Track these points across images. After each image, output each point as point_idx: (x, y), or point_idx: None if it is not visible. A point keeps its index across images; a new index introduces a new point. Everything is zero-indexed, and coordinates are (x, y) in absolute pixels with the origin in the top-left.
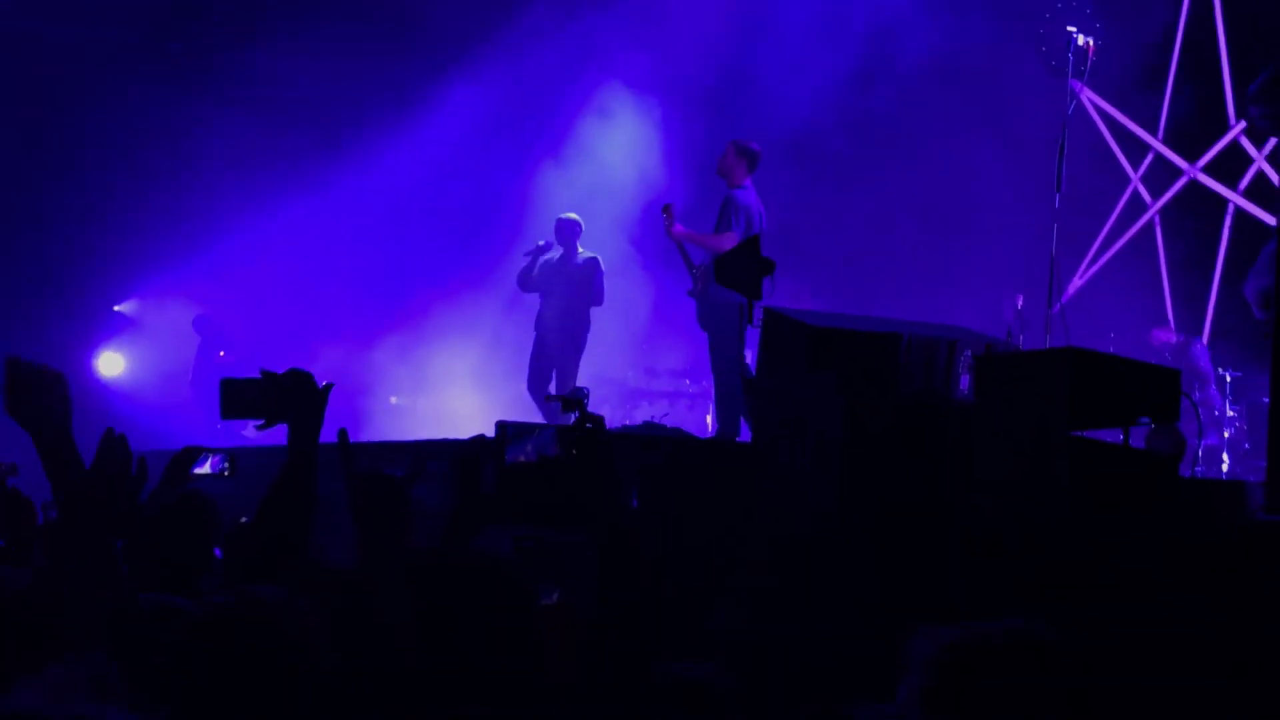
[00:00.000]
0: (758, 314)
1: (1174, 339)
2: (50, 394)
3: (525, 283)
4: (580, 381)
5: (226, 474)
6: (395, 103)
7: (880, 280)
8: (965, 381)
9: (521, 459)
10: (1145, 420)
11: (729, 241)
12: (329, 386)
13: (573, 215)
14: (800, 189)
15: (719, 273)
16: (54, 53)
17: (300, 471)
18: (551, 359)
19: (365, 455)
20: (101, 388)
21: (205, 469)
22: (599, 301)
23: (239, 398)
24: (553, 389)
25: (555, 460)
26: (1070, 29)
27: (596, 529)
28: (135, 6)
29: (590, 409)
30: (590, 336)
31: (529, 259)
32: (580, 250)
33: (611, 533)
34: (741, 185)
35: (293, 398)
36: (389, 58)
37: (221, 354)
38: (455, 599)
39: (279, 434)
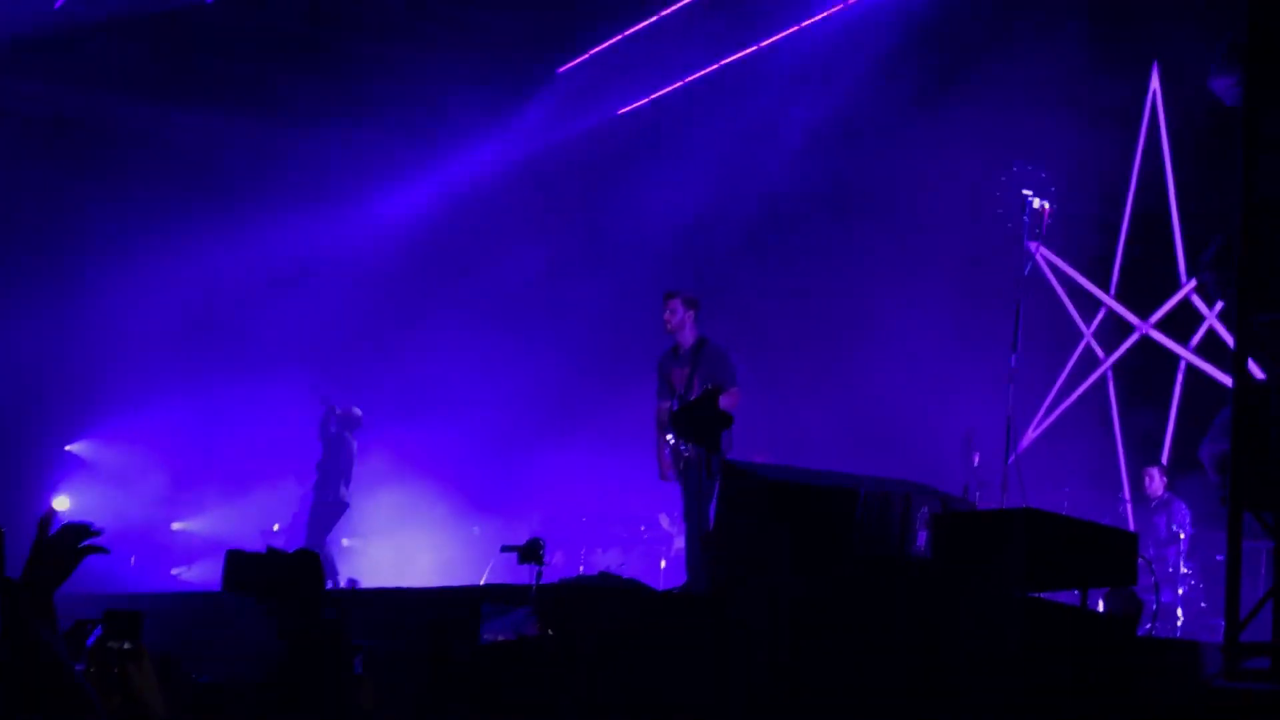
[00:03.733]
0: (716, 466)
1: (1161, 491)
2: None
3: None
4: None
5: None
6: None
7: (837, 435)
8: (922, 537)
9: (499, 638)
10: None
11: (731, 398)
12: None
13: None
14: (756, 340)
15: (677, 426)
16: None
17: (299, 657)
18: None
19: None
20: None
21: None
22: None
23: (242, 572)
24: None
25: (534, 641)
26: (1026, 192)
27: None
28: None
29: (545, 557)
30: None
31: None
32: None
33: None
34: (703, 334)
35: (297, 580)
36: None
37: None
38: None
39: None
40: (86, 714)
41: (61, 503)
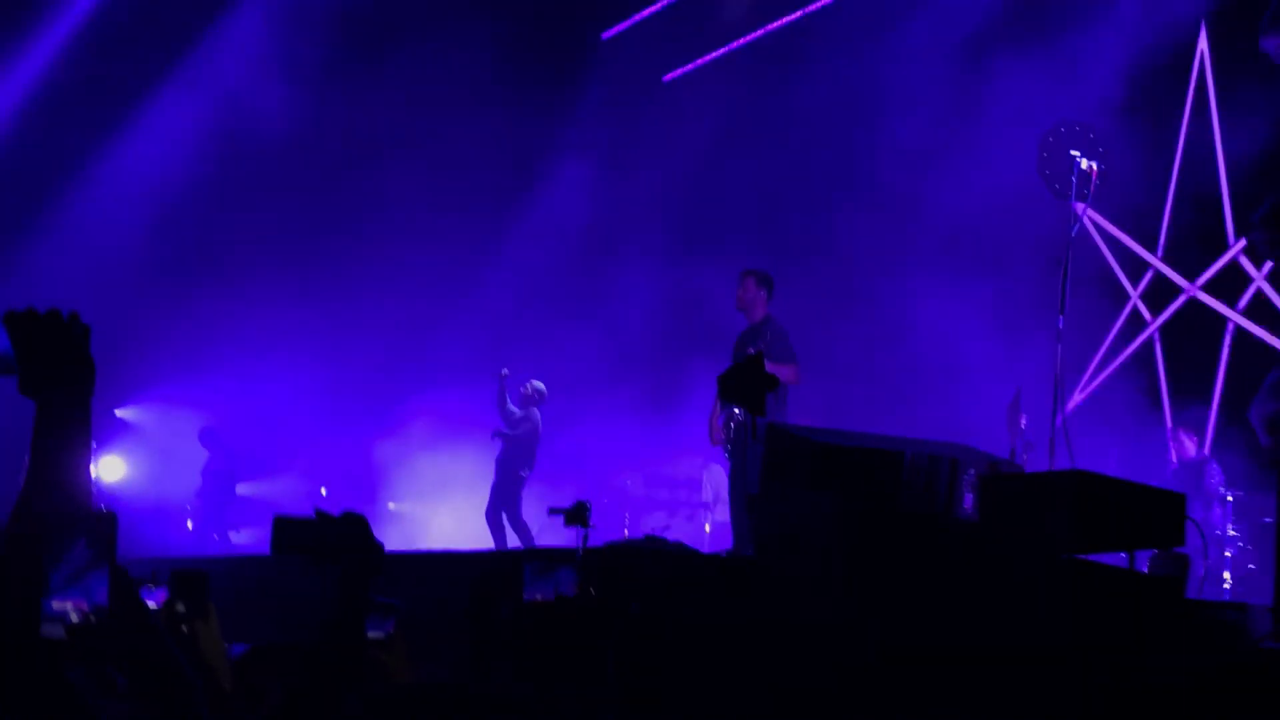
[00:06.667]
0: (761, 429)
1: (1193, 455)
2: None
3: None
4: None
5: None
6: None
7: (882, 399)
8: (969, 500)
9: (539, 597)
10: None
11: (789, 373)
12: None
13: (540, 385)
14: (800, 311)
15: (723, 390)
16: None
17: (349, 621)
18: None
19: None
20: (100, 493)
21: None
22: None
23: (290, 536)
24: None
25: (573, 601)
26: (1074, 153)
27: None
28: None
29: (591, 519)
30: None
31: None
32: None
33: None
34: (769, 312)
35: (346, 543)
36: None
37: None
38: None
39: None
40: (190, 694)
41: (111, 466)
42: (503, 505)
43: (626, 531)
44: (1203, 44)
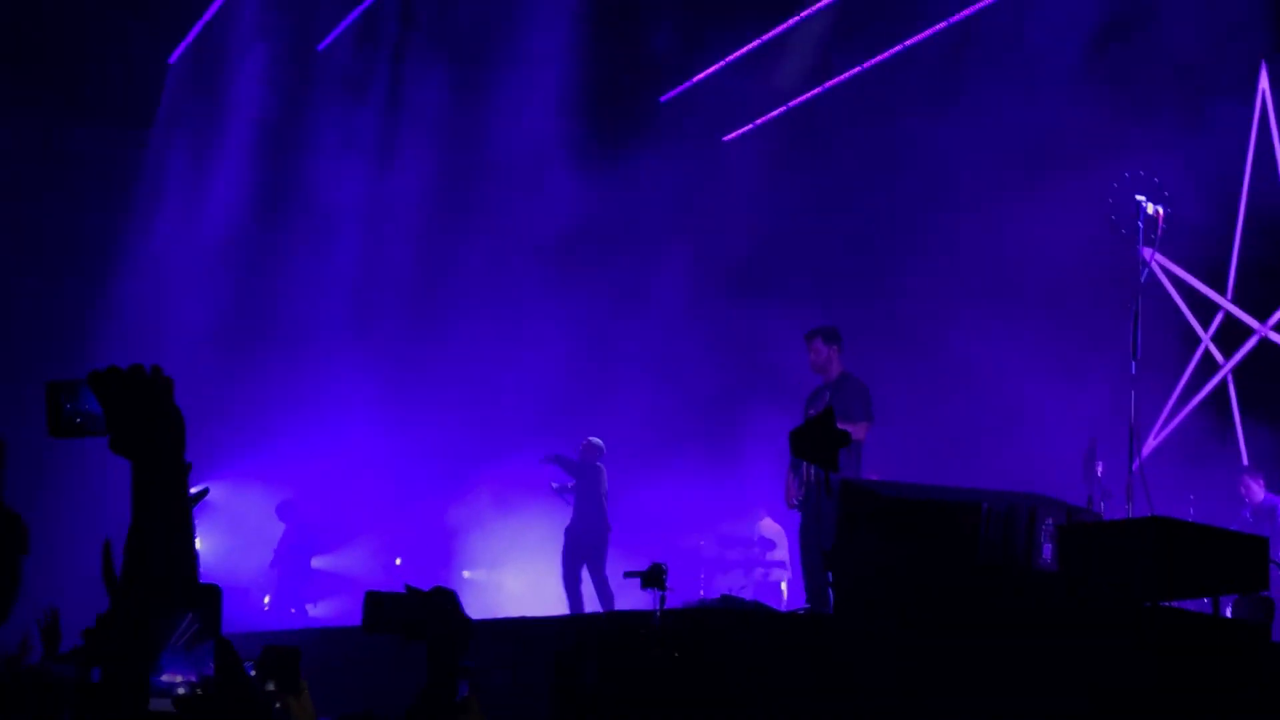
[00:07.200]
0: (835, 485)
1: (1261, 497)
2: None
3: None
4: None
5: None
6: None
7: (945, 446)
8: (1048, 550)
9: (623, 663)
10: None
11: (862, 430)
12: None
13: (597, 440)
14: (861, 359)
15: (795, 445)
16: None
17: (438, 696)
18: (580, 552)
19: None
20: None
21: None
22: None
23: (381, 612)
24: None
25: (658, 660)
26: (1139, 198)
27: None
28: None
29: (667, 581)
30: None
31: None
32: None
33: None
34: (845, 369)
35: (436, 617)
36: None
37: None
38: None
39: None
40: None
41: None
42: (584, 561)
43: (702, 593)
44: (1264, 83)
